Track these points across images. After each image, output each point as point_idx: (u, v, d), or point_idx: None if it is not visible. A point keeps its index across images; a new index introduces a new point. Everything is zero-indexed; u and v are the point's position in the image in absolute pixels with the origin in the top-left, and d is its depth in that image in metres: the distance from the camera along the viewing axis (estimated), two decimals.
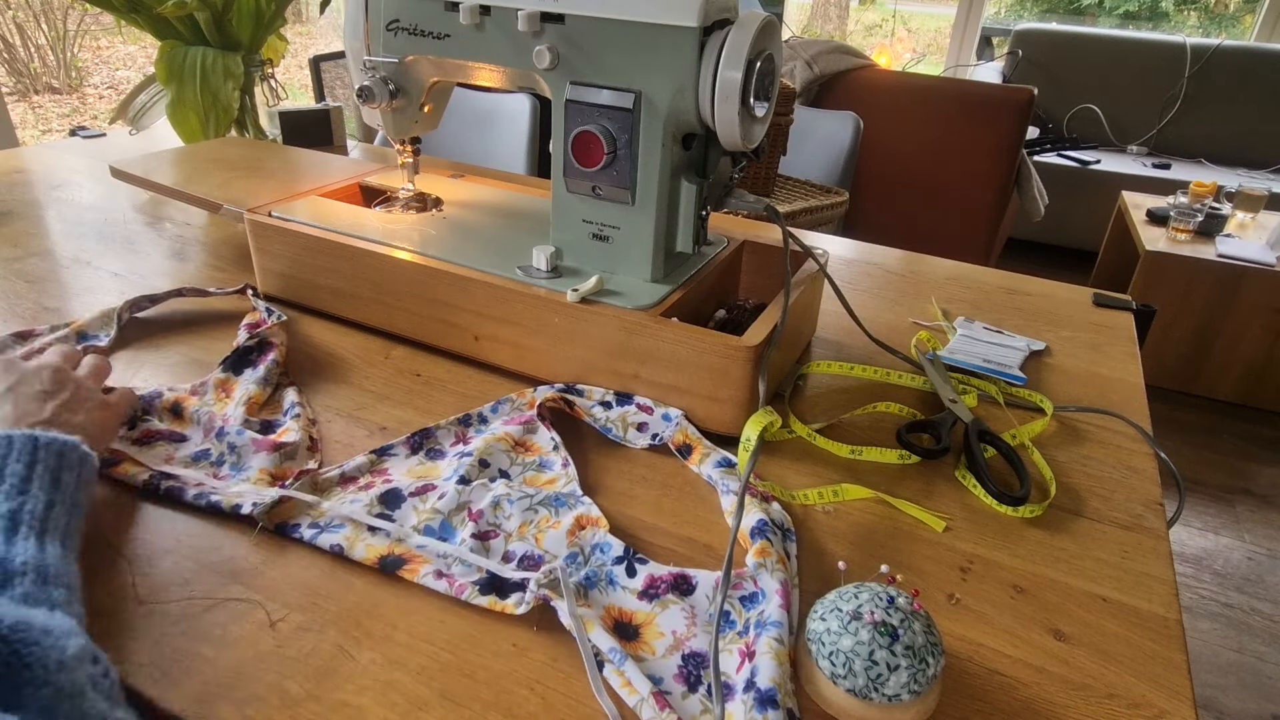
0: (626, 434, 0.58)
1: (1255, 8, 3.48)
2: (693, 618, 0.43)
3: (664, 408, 0.60)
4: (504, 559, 0.47)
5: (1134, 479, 0.58)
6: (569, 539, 0.48)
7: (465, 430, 0.59)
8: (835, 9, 6.10)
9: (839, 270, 0.92)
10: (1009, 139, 2.31)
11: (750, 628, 0.42)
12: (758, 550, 0.46)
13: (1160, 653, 0.44)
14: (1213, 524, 1.78)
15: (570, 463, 0.54)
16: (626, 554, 0.47)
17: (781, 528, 0.49)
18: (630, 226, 0.64)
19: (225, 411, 0.58)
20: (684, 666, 0.41)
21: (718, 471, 0.54)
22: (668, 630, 0.43)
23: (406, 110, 0.74)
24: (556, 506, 0.50)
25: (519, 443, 0.56)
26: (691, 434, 0.58)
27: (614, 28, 0.58)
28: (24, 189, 1.05)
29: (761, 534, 0.47)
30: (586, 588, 0.45)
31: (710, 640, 0.42)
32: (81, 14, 4.33)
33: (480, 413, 0.60)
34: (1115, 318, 0.83)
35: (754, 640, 0.41)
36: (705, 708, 0.39)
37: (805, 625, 0.41)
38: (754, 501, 0.50)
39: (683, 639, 0.42)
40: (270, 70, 1.16)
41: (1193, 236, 2.21)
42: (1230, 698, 1.36)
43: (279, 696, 0.39)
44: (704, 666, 0.41)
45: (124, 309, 0.71)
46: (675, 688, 0.40)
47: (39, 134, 3.94)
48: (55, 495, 0.42)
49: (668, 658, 0.41)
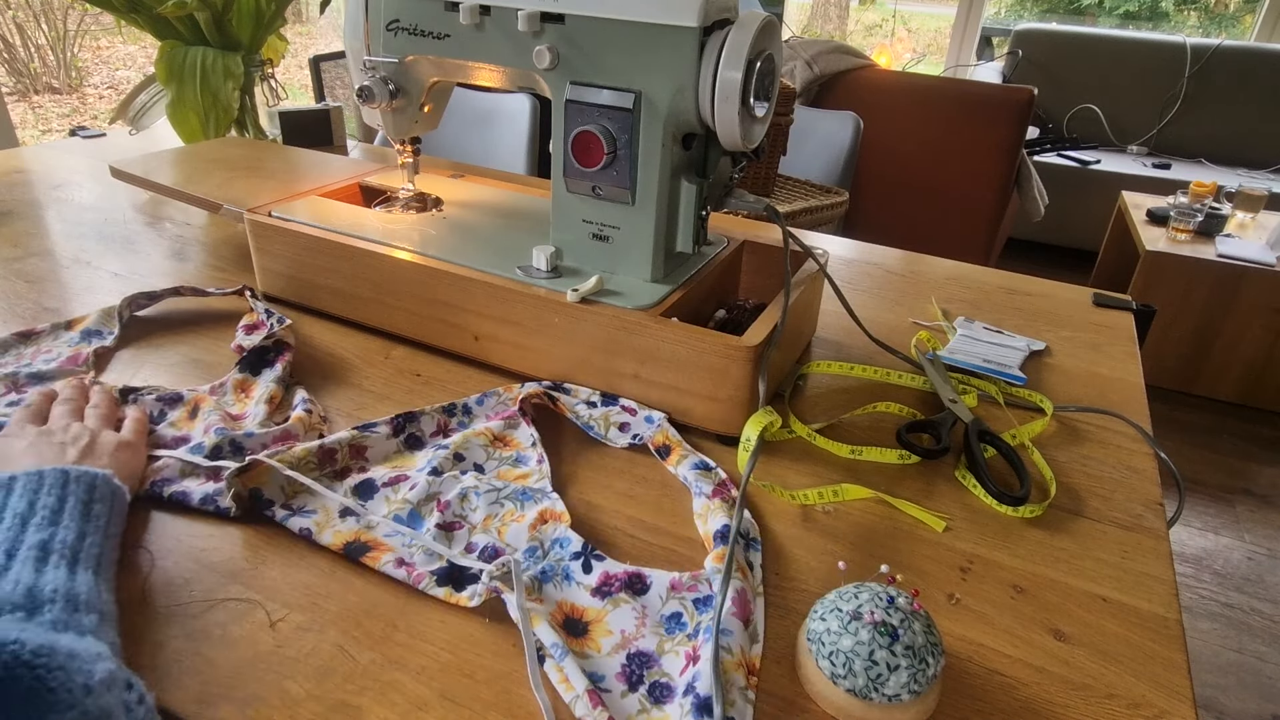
0: (608, 433, 0.59)
1: (1255, 8, 3.48)
2: (643, 618, 0.43)
3: (647, 410, 0.60)
4: (466, 550, 0.47)
5: (1134, 479, 0.58)
6: (530, 532, 0.48)
7: (449, 420, 0.59)
8: (835, 9, 6.10)
9: (839, 270, 0.92)
10: (1009, 139, 2.31)
11: (700, 631, 0.42)
12: (717, 556, 0.46)
13: (1160, 653, 0.44)
14: (1213, 524, 1.78)
15: (545, 459, 0.55)
16: (584, 550, 0.47)
17: (746, 536, 0.49)
18: (630, 226, 0.64)
19: (247, 410, 0.59)
20: (627, 666, 0.41)
21: (693, 473, 0.54)
22: (617, 629, 0.43)
23: (406, 110, 0.74)
24: (522, 500, 0.51)
25: (498, 437, 0.57)
26: (672, 436, 0.58)
27: (614, 28, 0.58)
28: (24, 189, 1.05)
29: (724, 540, 0.47)
30: (541, 582, 0.45)
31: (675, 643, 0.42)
32: (81, 14, 4.33)
33: (465, 403, 0.60)
34: (1115, 318, 0.83)
35: (701, 644, 0.41)
36: (643, 707, 0.39)
37: (805, 625, 0.41)
38: (724, 506, 0.50)
39: (630, 638, 0.42)
40: (270, 70, 1.16)
41: (1193, 236, 2.21)
42: (1230, 698, 1.36)
43: (279, 696, 0.39)
44: (647, 666, 0.41)
45: (124, 306, 0.71)
46: (616, 686, 0.40)
47: (39, 134, 3.94)
48: (86, 526, 0.42)
49: (612, 656, 0.41)
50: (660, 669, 0.41)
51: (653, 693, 0.40)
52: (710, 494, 0.52)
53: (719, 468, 0.55)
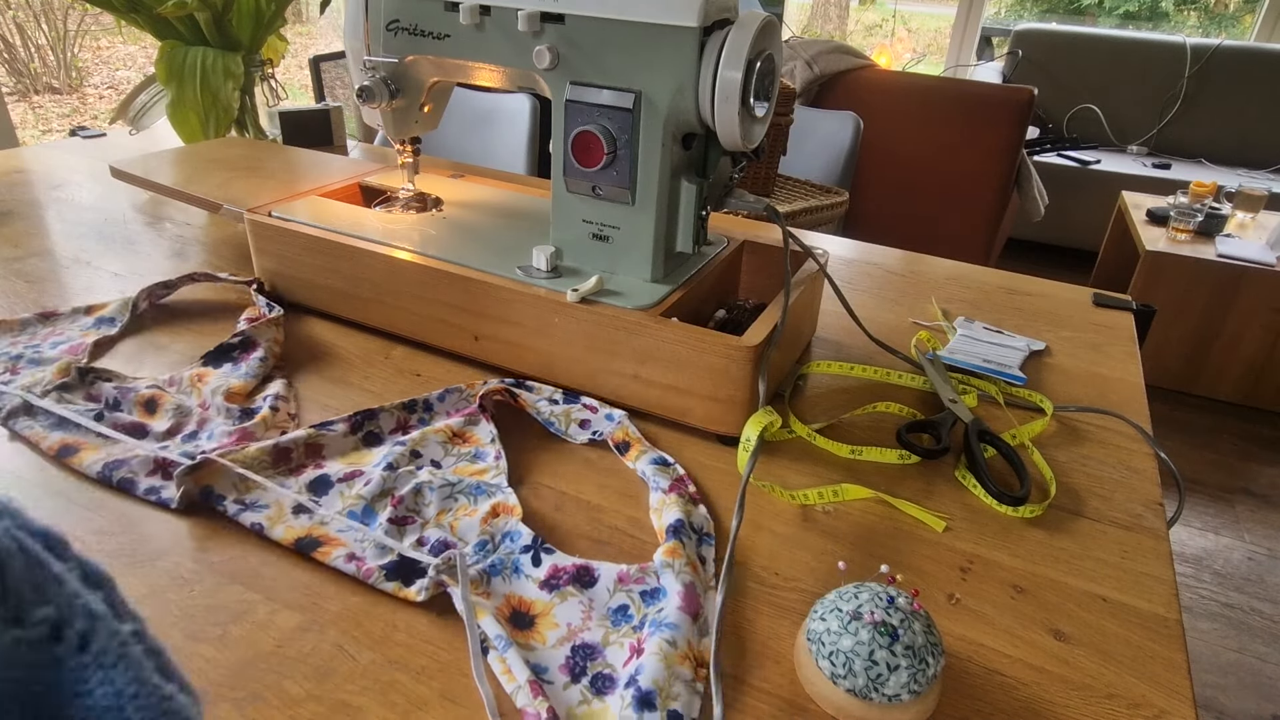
0: (569, 429, 0.59)
1: (1255, 8, 3.48)
2: (589, 610, 0.44)
3: (608, 408, 0.61)
4: (419, 544, 0.48)
5: (1134, 479, 0.58)
6: (482, 526, 0.48)
7: (409, 417, 0.59)
8: (835, 9, 6.10)
9: (839, 270, 0.92)
10: (1009, 139, 2.31)
11: (645, 624, 0.42)
12: (668, 550, 0.46)
13: (1160, 653, 0.44)
14: (1213, 524, 1.78)
15: (503, 456, 0.55)
16: (534, 543, 0.47)
17: (699, 531, 0.49)
18: (630, 226, 0.64)
19: (203, 396, 0.59)
20: (571, 658, 0.41)
21: (651, 468, 0.54)
22: (563, 622, 0.43)
23: (406, 110, 0.74)
24: (475, 495, 0.51)
25: (457, 434, 0.57)
26: (632, 433, 0.58)
27: (614, 28, 0.58)
28: (24, 189, 1.05)
29: (676, 534, 0.47)
30: (490, 575, 0.45)
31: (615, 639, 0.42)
32: (81, 14, 4.33)
33: (427, 400, 0.60)
34: (1115, 318, 0.83)
35: (645, 638, 0.41)
36: (584, 698, 0.39)
37: (805, 625, 0.41)
38: (680, 501, 0.51)
39: (576, 631, 0.43)
40: (270, 70, 1.16)
41: (1193, 236, 2.21)
42: (1230, 698, 1.36)
43: (279, 696, 0.39)
44: (591, 658, 0.41)
45: (140, 297, 0.73)
46: (559, 678, 0.40)
47: (39, 134, 3.94)
48: None
49: (558, 648, 0.42)
50: (604, 660, 0.41)
51: (595, 684, 0.40)
52: (667, 489, 0.52)
53: (677, 464, 0.56)
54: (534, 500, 0.53)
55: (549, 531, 0.50)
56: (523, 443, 0.58)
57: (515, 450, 0.57)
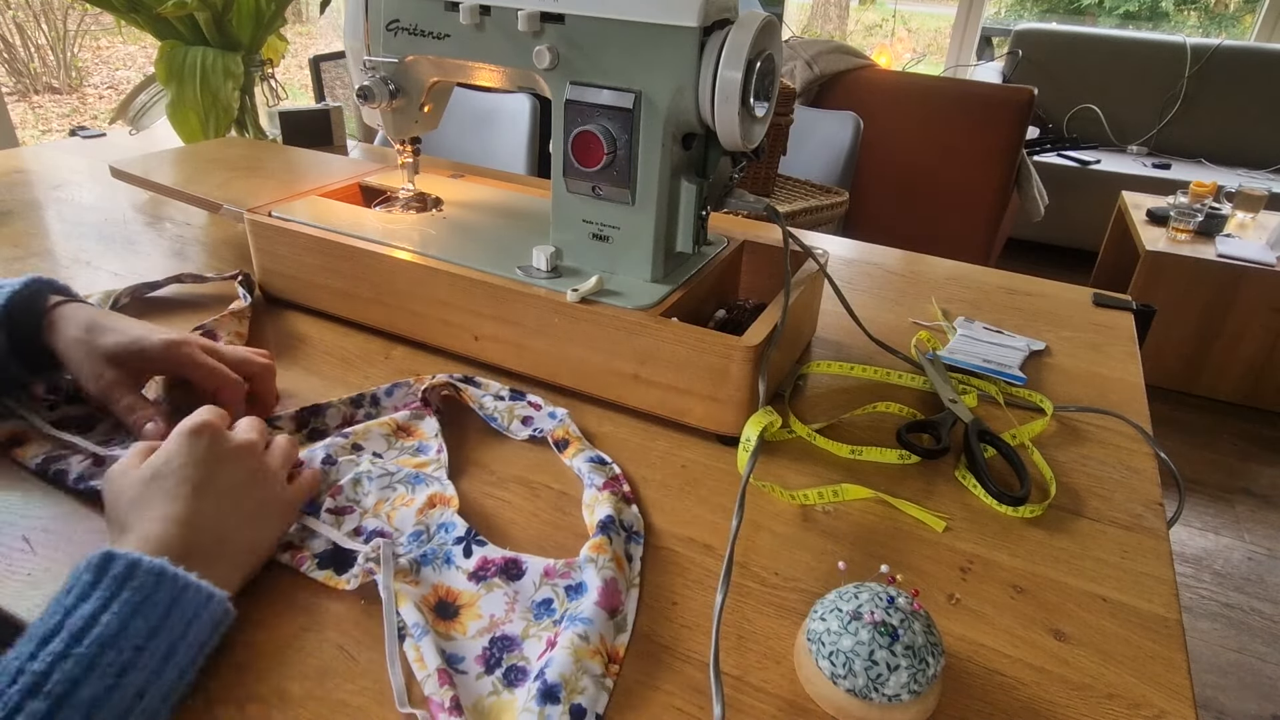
0: (510, 425, 0.59)
1: (1255, 8, 3.48)
2: (514, 602, 0.44)
3: (551, 407, 0.61)
4: (355, 533, 0.48)
5: (1134, 479, 0.58)
6: (418, 516, 0.48)
7: (355, 412, 0.60)
8: (835, 9, 6.10)
9: (839, 270, 0.92)
10: (1009, 139, 2.31)
11: (564, 619, 0.43)
12: (594, 545, 0.46)
13: (1160, 653, 0.44)
14: (1213, 524, 1.78)
15: (445, 450, 0.55)
16: (467, 535, 0.47)
17: (629, 529, 0.50)
18: (630, 226, 0.64)
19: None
20: (489, 649, 0.41)
21: (587, 465, 0.55)
22: (487, 613, 0.43)
23: (406, 110, 0.74)
24: (413, 484, 0.51)
25: (402, 427, 0.58)
26: (572, 431, 0.59)
27: (614, 28, 0.58)
28: (24, 189, 1.05)
29: (605, 530, 0.48)
30: (420, 564, 0.46)
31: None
32: (81, 14, 4.33)
33: (374, 394, 0.61)
34: (1115, 318, 0.83)
35: (561, 632, 0.41)
36: (495, 689, 0.39)
37: (805, 625, 0.41)
38: (612, 499, 0.51)
39: (498, 623, 0.43)
40: (270, 70, 1.16)
41: (1193, 236, 2.21)
42: (1230, 698, 1.36)
43: (279, 696, 0.39)
44: (508, 650, 0.41)
45: (124, 294, 0.73)
46: (474, 668, 0.40)
47: (39, 134, 3.94)
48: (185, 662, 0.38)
49: (477, 639, 0.42)
50: (520, 653, 0.41)
51: (507, 676, 0.40)
52: (601, 486, 0.52)
53: (614, 464, 0.56)
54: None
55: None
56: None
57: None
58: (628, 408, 0.62)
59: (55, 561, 0.45)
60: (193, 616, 0.38)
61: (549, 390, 0.64)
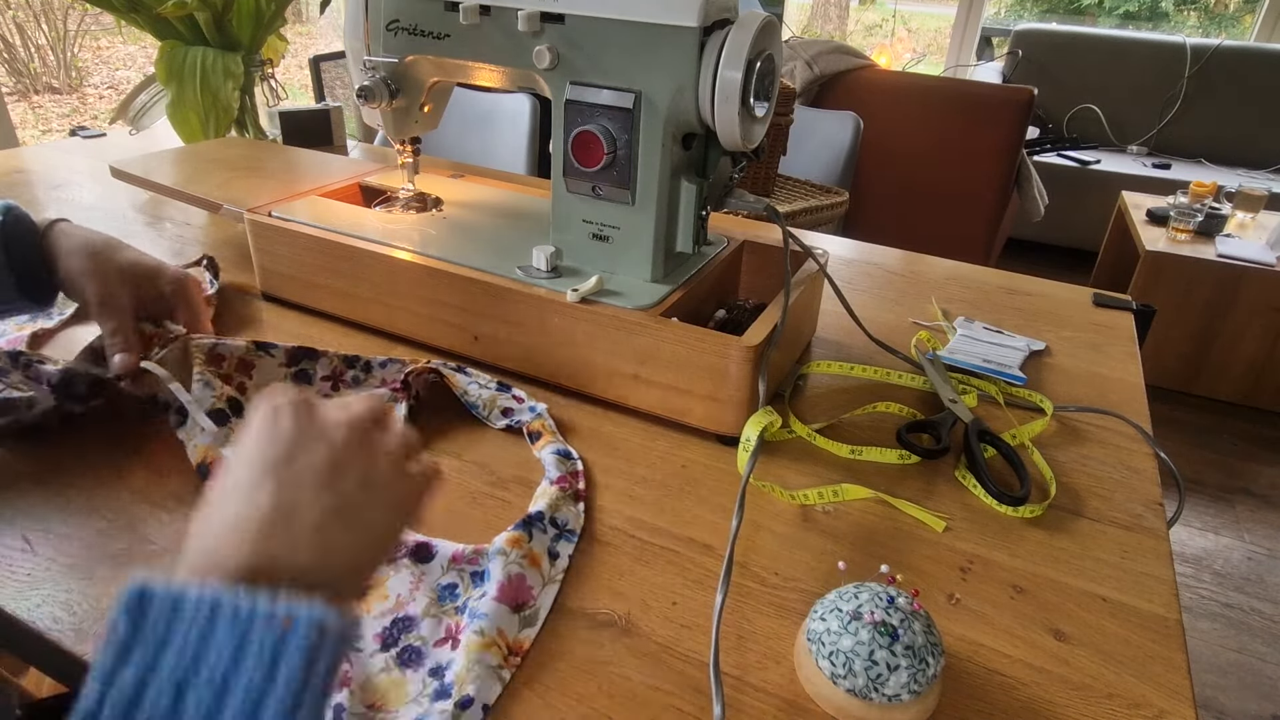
0: (490, 414, 0.60)
1: (1255, 8, 3.48)
2: (419, 584, 0.45)
3: (534, 402, 0.62)
4: None
5: (1134, 479, 0.58)
6: None
7: (345, 369, 0.62)
8: (835, 9, 6.10)
9: (839, 270, 0.92)
10: (1009, 139, 2.31)
11: (465, 609, 0.43)
12: (509, 539, 0.46)
13: (1160, 653, 0.44)
14: (1213, 524, 1.78)
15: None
16: None
17: (562, 527, 0.50)
18: (630, 226, 0.64)
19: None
20: (389, 629, 0.42)
21: (552, 458, 0.55)
22: (393, 593, 0.44)
23: (406, 110, 0.74)
24: None
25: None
26: (548, 425, 0.59)
27: (614, 28, 0.58)
28: (24, 189, 1.05)
29: (526, 526, 0.48)
30: None
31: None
32: (81, 14, 4.33)
33: (368, 361, 0.62)
34: (1115, 318, 0.83)
35: (463, 626, 0.42)
36: (386, 667, 0.40)
37: (805, 625, 0.41)
38: (558, 494, 0.51)
39: (402, 603, 0.44)
40: (270, 70, 1.16)
41: (1193, 236, 2.21)
42: (1230, 698, 1.36)
43: None
44: (407, 630, 0.42)
45: None
46: (370, 645, 0.41)
47: (39, 134, 3.94)
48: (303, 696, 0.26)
49: (379, 618, 0.43)
50: (418, 633, 0.42)
51: (401, 656, 0.41)
52: (555, 479, 0.53)
53: (579, 459, 0.56)
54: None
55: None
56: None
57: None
58: (628, 408, 0.62)
59: (55, 561, 0.45)
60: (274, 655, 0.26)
61: (549, 390, 0.64)
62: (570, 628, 0.44)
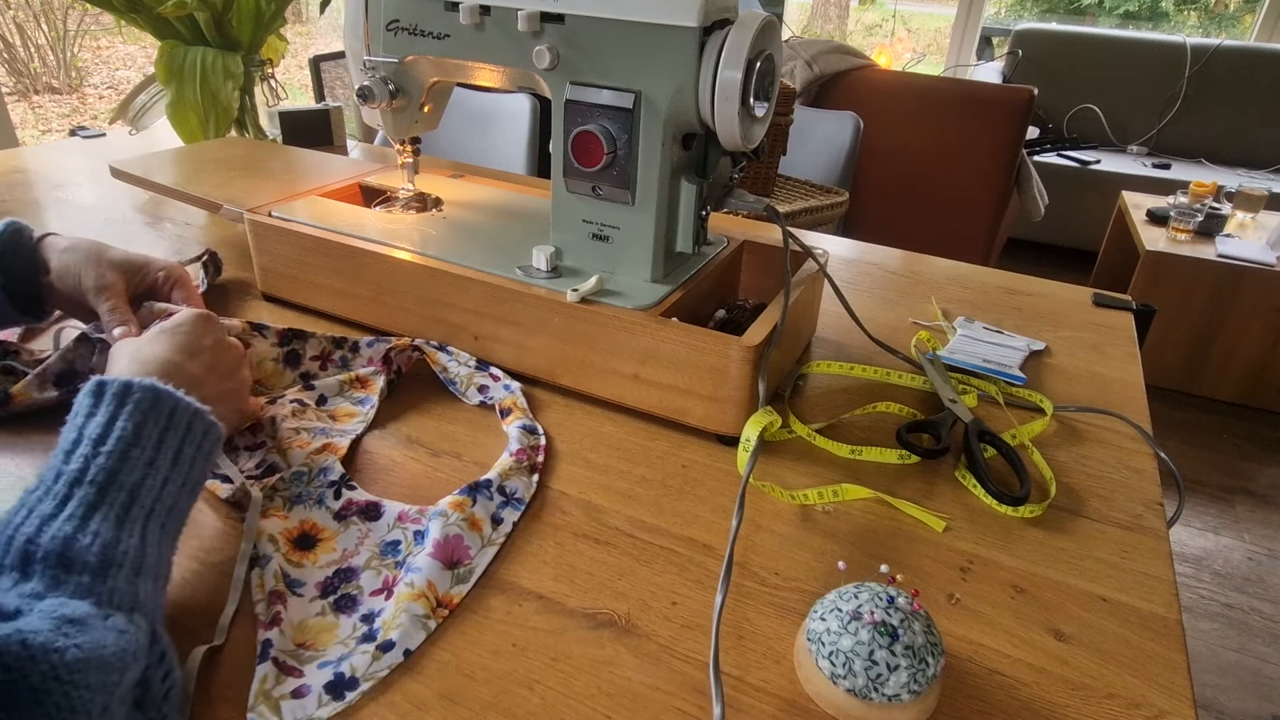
0: (467, 391, 0.63)
1: (1255, 8, 3.48)
2: (364, 538, 0.48)
3: (509, 379, 0.64)
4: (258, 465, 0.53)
5: (1134, 479, 0.58)
6: (308, 458, 0.53)
7: (333, 350, 0.65)
8: (835, 9, 6.10)
9: (839, 270, 0.92)
10: (1009, 139, 2.31)
11: (405, 562, 0.46)
12: (453, 502, 0.48)
13: (1160, 653, 0.44)
14: (1213, 524, 1.78)
15: (375, 407, 0.60)
16: (340, 480, 0.51)
17: (510, 495, 0.51)
18: (630, 226, 0.64)
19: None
20: (331, 578, 0.45)
21: (518, 432, 0.57)
22: (340, 548, 0.47)
23: (406, 110, 0.74)
24: (315, 433, 0.56)
25: (359, 379, 0.63)
26: (519, 403, 0.61)
27: (614, 28, 0.58)
28: (24, 189, 1.05)
29: (472, 491, 0.50)
30: (294, 503, 0.50)
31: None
32: (81, 14, 4.33)
33: (355, 342, 0.65)
34: (1115, 318, 0.83)
35: (399, 579, 0.45)
36: (321, 612, 0.43)
37: (805, 625, 0.41)
38: (516, 465, 0.53)
39: (348, 555, 0.47)
40: (270, 70, 1.16)
41: (1193, 236, 2.21)
42: (1230, 698, 1.36)
43: None
44: (347, 580, 0.45)
45: None
46: (310, 592, 0.44)
47: (39, 134, 3.94)
48: (172, 472, 0.40)
49: (324, 569, 0.46)
50: (356, 583, 0.45)
51: (338, 603, 0.43)
52: (515, 452, 0.54)
53: (544, 434, 0.58)
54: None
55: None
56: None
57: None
58: (628, 408, 0.62)
59: None
60: (187, 428, 0.42)
61: (550, 390, 0.64)
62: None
